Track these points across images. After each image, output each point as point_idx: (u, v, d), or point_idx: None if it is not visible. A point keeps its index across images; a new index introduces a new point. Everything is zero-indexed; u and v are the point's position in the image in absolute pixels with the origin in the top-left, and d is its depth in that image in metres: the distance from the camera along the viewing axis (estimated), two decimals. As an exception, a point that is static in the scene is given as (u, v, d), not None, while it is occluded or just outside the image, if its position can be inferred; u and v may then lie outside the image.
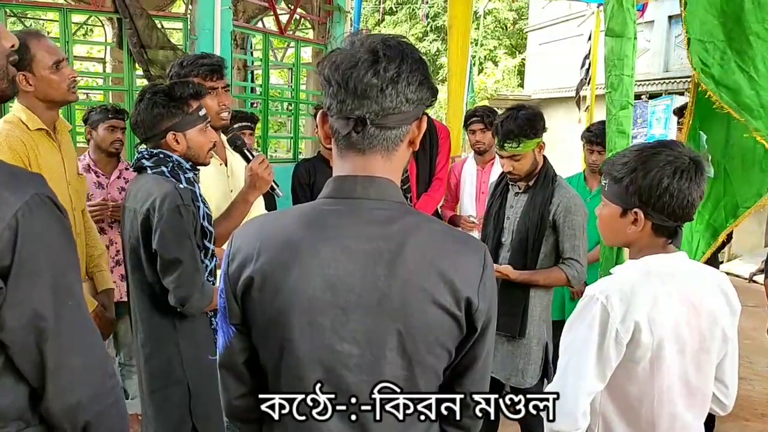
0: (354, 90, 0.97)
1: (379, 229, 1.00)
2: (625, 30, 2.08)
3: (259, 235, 1.05)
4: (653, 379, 1.39)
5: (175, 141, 1.88)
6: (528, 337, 2.46)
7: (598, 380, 1.38)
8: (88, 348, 1.07)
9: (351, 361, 1.00)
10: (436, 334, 1.00)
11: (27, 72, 2.03)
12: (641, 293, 1.36)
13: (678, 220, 1.40)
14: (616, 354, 1.36)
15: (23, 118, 2.07)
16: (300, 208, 1.08)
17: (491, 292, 1.05)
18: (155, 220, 1.76)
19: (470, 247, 1.05)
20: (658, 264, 1.41)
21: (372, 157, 1.03)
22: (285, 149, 9.95)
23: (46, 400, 1.03)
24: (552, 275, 2.45)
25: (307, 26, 7.38)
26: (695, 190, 1.37)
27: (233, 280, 1.04)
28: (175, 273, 1.78)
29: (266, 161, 2.13)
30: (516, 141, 2.37)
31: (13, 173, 1.03)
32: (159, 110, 1.86)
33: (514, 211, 2.54)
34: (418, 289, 0.98)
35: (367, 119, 0.99)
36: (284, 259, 1.00)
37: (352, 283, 0.98)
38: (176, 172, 1.87)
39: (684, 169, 1.36)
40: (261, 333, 1.04)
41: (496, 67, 19.61)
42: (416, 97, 1.01)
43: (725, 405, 1.55)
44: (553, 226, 2.44)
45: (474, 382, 1.09)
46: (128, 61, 4.64)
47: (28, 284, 0.97)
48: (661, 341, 1.36)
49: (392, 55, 0.98)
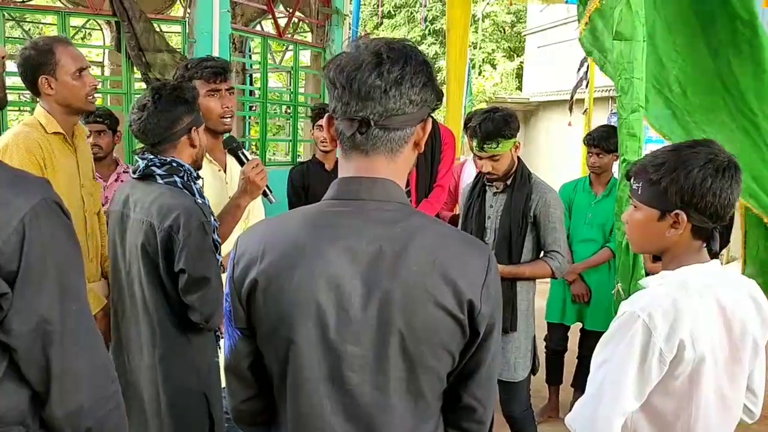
0: (358, 92, 0.98)
1: (383, 230, 1.00)
2: (635, 33, 2.08)
3: (263, 238, 1.05)
4: (691, 394, 1.34)
5: (196, 139, 1.87)
6: (518, 331, 2.53)
7: (635, 400, 1.33)
8: (92, 353, 1.07)
9: (355, 362, 1.00)
10: (439, 337, 0.99)
11: (50, 76, 2.11)
12: (684, 309, 1.30)
13: (718, 221, 1.34)
14: (658, 372, 1.31)
15: (42, 121, 2.14)
16: (304, 209, 1.09)
17: (495, 296, 1.04)
18: (181, 239, 1.72)
19: (475, 250, 1.05)
20: (695, 275, 1.36)
21: (376, 159, 1.03)
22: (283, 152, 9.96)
23: (49, 405, 1.03)
24: (537, 267, 2.54)
25: (306, 29, 7.39)
26: (735, 189, 1.32)
27: (238, 283, 1.05)
28: (201, 291, 1.77)
29: (261, 166, 2.10)
30: (495, 142, 2.43)
31: (20, 177, 1.03)
32: (183, 106, 1.83)
33: (494, 211, 2.61)
34: (421, 290, 0.98)
35: (371, 120, 0.99)
36: (288, 261, 1.01)
37: (356, 284, 0.99)
38: (189, 184, 1.83)
39: (725, 167, 1.31)
40: (266, 335, 1.04)
41: (495, 70, 19.64)
42: (420, 98, 1.01)
43: (754, 414, 1.52)
44: (534, 221, 2.53)
45: (480, 386, 1.08)
46: (126, 64, 4.64)
47: (35, 289, 0.98)
48: (702, 356, 1.31)
49: (396, 58, 0.99)
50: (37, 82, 2.12)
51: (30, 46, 2.15)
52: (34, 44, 2.15)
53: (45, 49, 2.11)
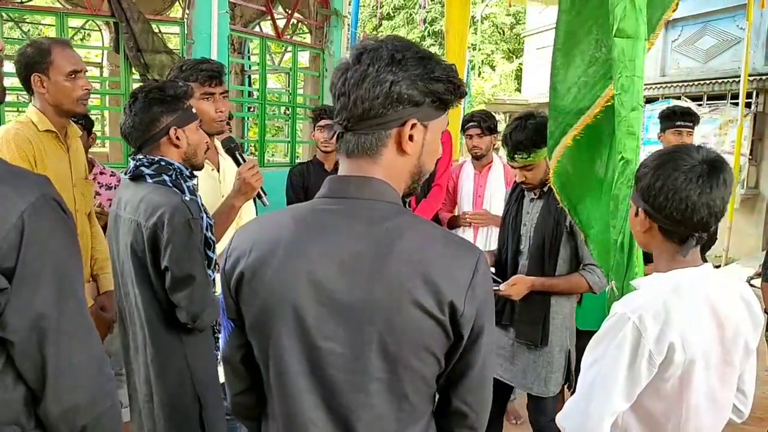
0: (334, 96, 1.01)
1: (368, 228, 1.00)
2: (638, 31, 2.08)
3: (254, 233, 1.07)
4: (681, 395, 1.35)
5: (176, 138, 1.85)
6: (550, 345, 2.43)
7: (624, 400, 1.34)
8: (88, 350, 1.07)
9: (334, 359, 1.00)
10: (420, 337, 0.98)
11: (42, 75, 2.13)
12: (674, 312, 1.31)
13: (681, 226, 1.34)
14: (647, 374, 1.32)
15: (34, 119, 2.16)
16: (296, 207, 1.10)
17: (483, 299, 1.02)
18: (165, 236, 1.72)
19: (462, 252, 1.03)
20: (686, 279, 1.36)
21: (359, 161, 1.03)
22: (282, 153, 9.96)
23: (44, 403, 1.03)
24: (572, 281, 2.41)
25: (305, 30, 7.39)
26: (699, 194, 1.30)
27: (228, 275, 1.07)
28: (187, 289, 1.76)
29: (257, 167, 2.10)
30: (526, 152, 2.34)
31: (19, 174, 1.03)
32: (158, 107, 1.82)
33: (530, 218, 2.51)
34: (400, 289, 0.97)
35: (341, 125, 1.01)
36: (270, 256, 1.02)
37: (335, 281, 0.99)
38: (178, 182, 1.83)
39: (687, 170, 1.31)
40: (250, 327, 1.06)
41: (494, 72, 19.66)
42: (388, 100, 0.98)
43: (743, 413, 1.52)
44: (571, 231, 2.41)
45: (470, 390, 1.07)
46: (125, 65, 4.64)
47: (33, 285, 0.98)
48: (692, 359, 1.32)
49: (365, 59, 0.98)
50: (30, 80, 2.13)
51: (30, 43, 2.18)
52: (34, 42, 2.19)
53: (43, 48, 2.13)
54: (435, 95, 1.02)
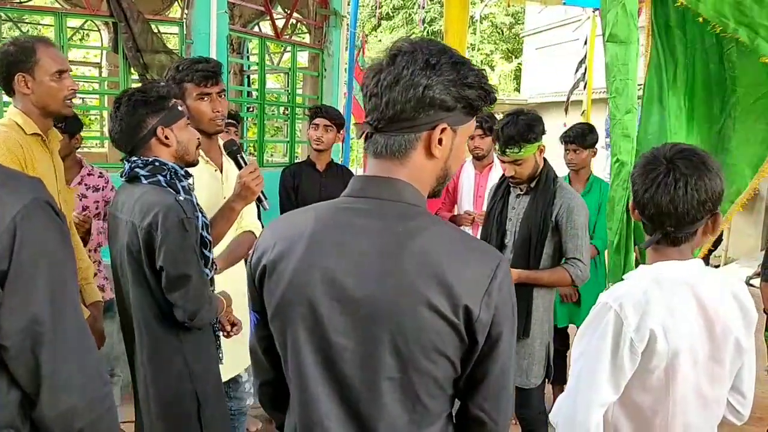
0: (366, 96, 1.01)
1: (387, 227, 1.01)
2: (630, 36, 2.10)
3: (280, 229, 1.10)
4: (668, 389, 1.36)
5: (165, 137, 1.84)
6: (532, 337, 2.48)
7: (612, 390, 1.35)
8: (83, 354, 1.06)
9: (346, 354, 1.01)
10: (431, 339, 0.98)
11: (27, 75, 2.02)
12: (654, 301, 1.33)
13: (645, 219, 1.40)
14: (630, 363, 1.33)
15: (19, 121, 2.05)
16: (320, 204, 1.12)
17: (501, 306, 1.00)
18: (159, 236, 1.72)
19: (482, 256, 1.02)
20: (669, 271, 1.39)
21: (386, 162, 1.04)
22: (281, 153, 9.95)
23: (39, 407, 1.02)
24: (556, 274, 2.47)
25: (304, 31, 7.38)
26: (645, 190, 1.36)
27: (253, 268, 1.11)
28: (182, 289, 1.76)
29: (258, 171, 2.10)
30: (517, 146, 2.38)
31: (12, 176, 1.02)
32: (143, 108, 1.82)
33: (516, 213, 2.56)
34: (412, 290, 0.97)
35: (372, 125, 1.01)
36: (290, 250, 1.04)
37: (349, 277, 1.00)
38: (173, 182, 1.82)
39: (644, 165, 1.39)
40: (272, 320, 1.09)
41: (493, 72, 19.68)
42: (421, 104, 0.98)
43: (742, 415, 1.52)
44: (556, 226, 2.46)
45: (488, 398, 1.06)
46: (124, 65, 4.63)
47: (26, 289, 0.97)
48: (676, 350, 1.33)
49: (400, 61, 0.98)
50: (13, 80, 2.02)
51: (11, 42, 2.06)
52: (16, 41, 2.07)
53: (26, 46, 2.02)
54: (466, 101, 1.02)
